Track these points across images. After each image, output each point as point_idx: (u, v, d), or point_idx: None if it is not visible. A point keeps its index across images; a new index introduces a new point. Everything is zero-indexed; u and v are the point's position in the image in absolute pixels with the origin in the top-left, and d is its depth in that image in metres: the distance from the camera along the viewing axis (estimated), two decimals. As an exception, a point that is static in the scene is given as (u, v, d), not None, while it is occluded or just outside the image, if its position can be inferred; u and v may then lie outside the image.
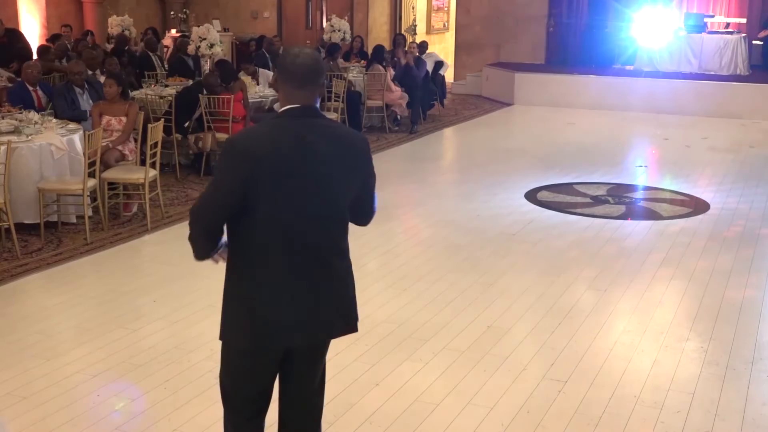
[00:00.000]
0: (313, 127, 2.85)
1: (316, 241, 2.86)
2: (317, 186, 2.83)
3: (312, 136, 2.82)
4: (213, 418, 4.03)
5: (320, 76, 2.88)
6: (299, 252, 2.84)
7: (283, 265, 2.84)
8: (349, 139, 2.94)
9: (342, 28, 14.11)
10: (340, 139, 2.90)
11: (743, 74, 14.77)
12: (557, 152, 11.08)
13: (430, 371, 4.57)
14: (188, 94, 9.37)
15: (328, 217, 2.87)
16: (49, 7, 16.16)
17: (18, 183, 6.67)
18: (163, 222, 7.43)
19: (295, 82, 2.84)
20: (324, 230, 2.88)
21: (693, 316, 5.45)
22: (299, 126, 2.83)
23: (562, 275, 6.16)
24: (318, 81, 2.87)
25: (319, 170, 2.82)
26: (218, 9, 18.69)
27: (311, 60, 2.85)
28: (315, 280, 2.88)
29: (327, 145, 2.84)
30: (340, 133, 2.94)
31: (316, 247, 2.87)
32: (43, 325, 5.15)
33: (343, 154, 2.87)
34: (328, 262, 2.90)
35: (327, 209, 2.87)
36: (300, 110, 2.85)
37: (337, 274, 2.93)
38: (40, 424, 3.96)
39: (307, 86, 2.84)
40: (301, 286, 2.86)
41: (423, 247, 6.88)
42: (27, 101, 8.29)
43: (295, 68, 2.83)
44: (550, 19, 16.65)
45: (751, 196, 8.66)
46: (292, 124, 2.83)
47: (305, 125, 2.83)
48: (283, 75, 2.87)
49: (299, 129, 2.82)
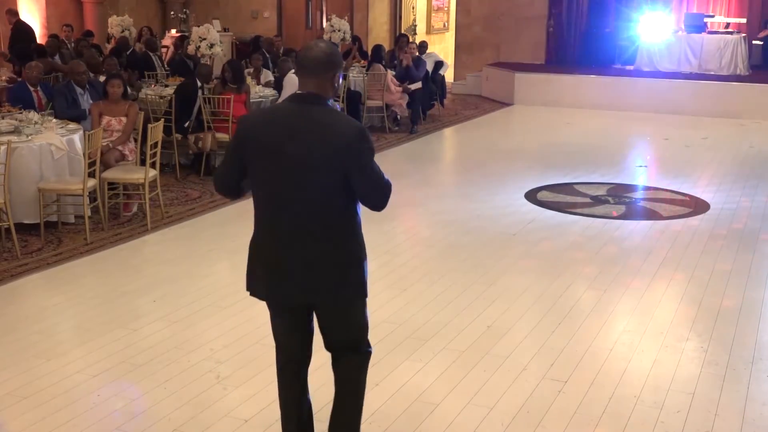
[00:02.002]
0: (310, 111, 3.13)
1: (288, 217, 3.16)
2: (291, 164, 3.10)
3: (302, 120, 3.11)
4: (213, 418, 4.03)
5: (326, 68, 3.14)
6: (272, 223, 3.21)
7: (264, 230, 3.27)
8: (340, 126, 3.13)
9: (342, 28, 14.10)
10: (329, 126, 3.12)
11: (743, 74, 14.77)
12: (557, 152, 11.08)
13: (430, 371, 4.57)
14: (185, 89, 9.37)
15: (301, 197, 3.13)
16: (49, 7, 16.16)
17: (18, 183, 6.67)
18: (163, 222, 7.43)
19: (304, 70, 3.16)
20: (295, 207, 3.15)
21: (693, 316, 5.45)
22: (294, 109, 3.15)
23: (562, 275, 6.16)
24: (323, 72, 3.14)
25: (297, 150, 3.08)
26: (218, 9, 18.69)
27: (320, 53, 3.15)
28: (285, 249, 3.20)
29: (313, 128, 3.10)
30: (330, 121, 3.15)
31: (287, 222, 3.17)
32: (43, 325, 5.15)
33: (329, 140, 3.09)
34: (299, 237, 3.17)
35: (301, 190, 3.12)
36: (302, 96, 3.15)
37: (309, 253, 3.17)
38: (40, 424, 3.96)
39: (313, 75, 3.13)
40: (274, 253, 3.22)
41: (423, 247, 6.88)
42: (27, 101, 8.29)
43: (304, 59, 3.17)
44: (550, 19, 16.64)
45: (751, 196, 8.66)
46: (289, 107, 3.18)
47: (302, 109, 3.13)
48: (296, 64, 3.27)
49: (291, 111, 3.15)
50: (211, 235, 7.15)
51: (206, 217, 7.67)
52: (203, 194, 8.42)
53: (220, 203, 8.01)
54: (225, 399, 4.23)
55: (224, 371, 4.53)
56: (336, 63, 3.17)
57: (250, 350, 4.79)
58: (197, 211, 7.85)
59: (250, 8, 18.88)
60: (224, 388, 4.34)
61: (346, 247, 3.22)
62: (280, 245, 3.19)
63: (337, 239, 3.19)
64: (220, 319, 5.24)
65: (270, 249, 3.23)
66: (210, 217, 7.64)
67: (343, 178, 3.10)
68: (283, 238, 3.19)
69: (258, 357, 4.68)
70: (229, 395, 4.27)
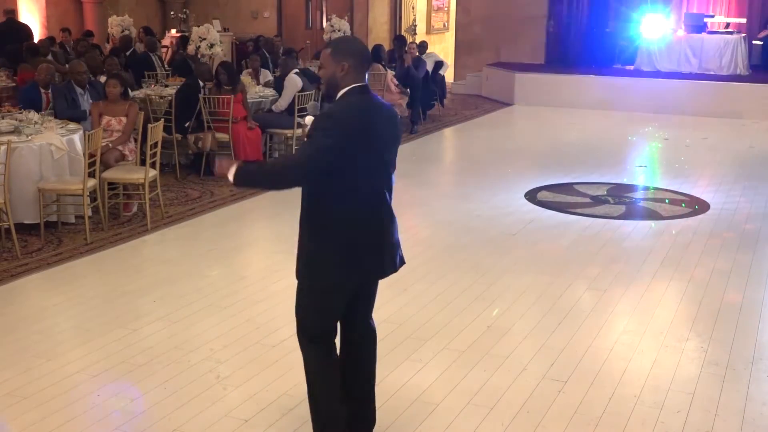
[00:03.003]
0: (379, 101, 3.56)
1: (384, 197, 3.60)
2: (383, 149, 3.57)
3: (380, 109, 3.52)
4: (213, 418, 4.03)
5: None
6: (373, 205, 3.55)
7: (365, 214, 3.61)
8: (395, 113, 3.68)
9: (342, 28, 14.11)
10: (394, 116, 3.64)
11: (743, 74, 14.77)
12: (557, 152, 11.08)
13: (430, 371, 4.57)
14: (187, 90, 9.38)
15: (388, 179, 3.58)
16: (48, 7, 16.16)
17: (18, 183, 6.67)
18: (163, 222, 7.43)
19: (367, 64, 3.51)
20: (384, 187, 3.60)
21: (693, 316, 5.45)
22: (375, 101, 3.52)
23: (562, 275, 6.16)
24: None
25: (386, 136, 3.54)
26: (218, 9, 18.69)
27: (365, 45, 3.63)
28: (386, 226, 3.66)
29: (385, 116, 3.56)
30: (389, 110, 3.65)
31: (384, 201, 3.59)
32: (43, 325, 5.15)
33: (396, 126, 3.65)
34: (389, 213, 3.66)
35: (387, 172, 3.58)
36: (369, 88, 3.53)
37: (394, 228, 3.67)
38: (40, 424, 3.96)
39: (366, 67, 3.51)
40: (377, 232, 3.62)
41: (423, 247, 6.87)
42: (36, 103, 8.30)
43: (367, 52, 3.56)
44: (550, 19, 16.65)
45: (751, 196, 8.66)
46: (372, 99, 3.51)
47: (375, 100, 3.52)
48: (360, 57, 3.47)
49: (375, 103, 3.52)
50: (211, 235, 7.14)
51: (206, 217, 7.67)
52: (203, 194, 8.42)
53: (220, 203, 8.01)
54: (225, 399, 4.23)
55: (224, 371, 4.53)
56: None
57: (250, 350, 4.79)
58: (197, 211, 7.85)
59: (250, 8, 18.89)
60: (224, 388, 4.34)
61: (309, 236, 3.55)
62: (382, 225, 3.54)
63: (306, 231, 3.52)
64: (220, 319, 5.24)
65: (373, 230, 3.51)
66: (210, 217, 7.64)
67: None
68: (384, 217, 3.54)
69: (258, 357, 4.69)
70: (229, 395, 4.27)
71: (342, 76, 3.42)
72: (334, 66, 3.43)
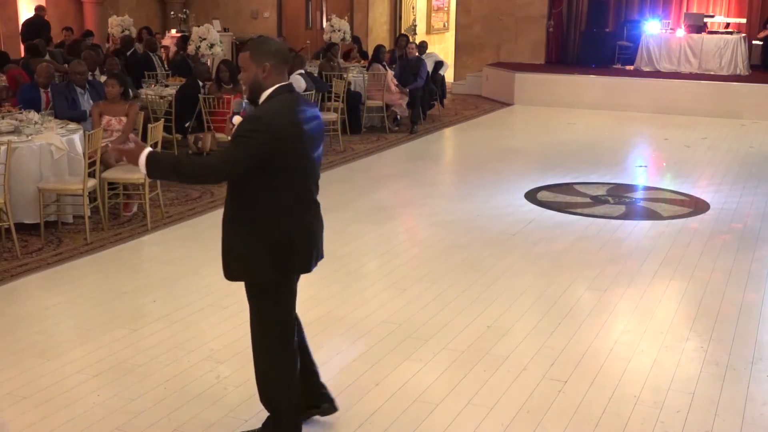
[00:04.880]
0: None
1: (315, 194, 3.65)
2: (314, 148, 3.61)
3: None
4: (213, 418, 4.03)
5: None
6: (309, 201, 3.60)
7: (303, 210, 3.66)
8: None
9: (342, 28, 14.10)
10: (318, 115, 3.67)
11: (743, 74, 14.77)
12: (557, 152, 11.08)
13: (430, 371, 4.57)
14: (187, 90, 9.38)
15: (316, 172, 3.62)
16: (49, 7, 16.15)
17: (18, 183, 6.67)
18: (163, 222, 7.43)
19: (288, 63, 3.53)
20: (315, 181, 3.66)
21: (693, 316, 5.45)
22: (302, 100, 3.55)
23: (562, 275, 6.16)
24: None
25: (314, 135, 3.56)
26: (218, 9, 18.70)
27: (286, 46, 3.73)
28: (318, 220, 3.70)
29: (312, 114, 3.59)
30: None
31: (314, 198, 3.64)
32: (43, 325, 5.15)
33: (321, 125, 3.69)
34: (318, 208, 3.73)
35: (316, 167, 3.62)
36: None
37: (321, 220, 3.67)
38: (40, 424, 3.96)
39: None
40: (313, 227, 3.68)
41: (423, 248, 6.87)
42: (35, 102, 8.29)
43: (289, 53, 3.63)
44: (550, 19, 16.65)
45: (751, 196, 8.66)
46: (301, 98, 3.54)
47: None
48: (283, 58, 3.49)
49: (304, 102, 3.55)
50: (211, 235, 7.10)
51: (206, 217, 7.66)
52: (203, 194, 8.41)
53: (220, 203, 7.98)
54: (225, 399, 4.23)
55: (224, 371, 4.53)
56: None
57: (250, 350, 4.77)
58: (197, 211, 7.85)
59: (250, 8, 18.88)
60: (224, 388, 4.34)
61: (232, 231, 3.62)
62: (316, 218, 3.61)
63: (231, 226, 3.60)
64: (220, 319, 5.24)
65: (311, 225, 3.57)
66: (210, 217, 7.63)
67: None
68: (316, 211, 3.61)
69: (258, 357, 4.68)
70: (229, 395, 4.27)
71: (264, 77, 3.43)
72: (255, 67, 3.43)
